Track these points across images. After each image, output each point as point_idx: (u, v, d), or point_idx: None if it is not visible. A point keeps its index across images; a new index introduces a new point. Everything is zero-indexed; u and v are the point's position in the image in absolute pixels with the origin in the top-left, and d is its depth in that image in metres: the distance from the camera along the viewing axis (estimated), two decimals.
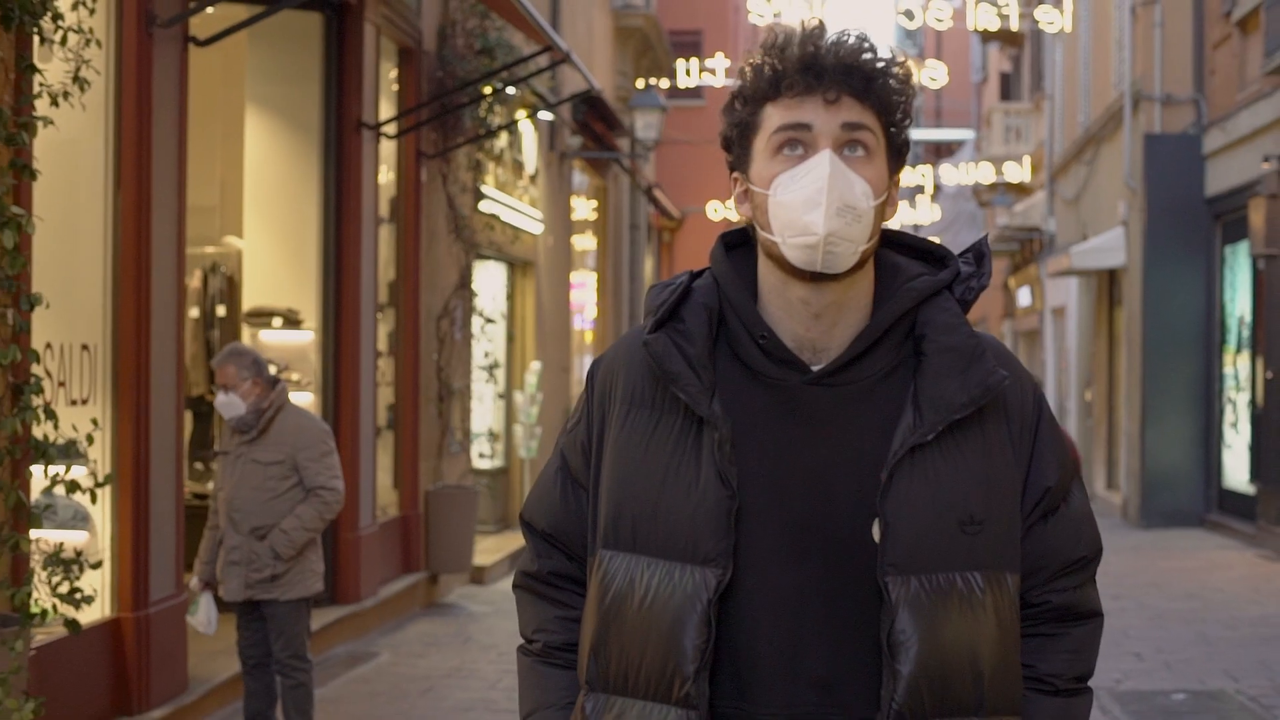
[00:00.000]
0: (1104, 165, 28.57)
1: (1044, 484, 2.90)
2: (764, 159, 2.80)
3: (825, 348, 2.81)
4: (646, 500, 2.80)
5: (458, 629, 14.23)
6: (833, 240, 2.71)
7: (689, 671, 2.72)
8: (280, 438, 8.81)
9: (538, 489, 3.04)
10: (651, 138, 25.02)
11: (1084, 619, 2.98)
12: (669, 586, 2.76)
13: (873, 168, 2.78)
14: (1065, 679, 2.94)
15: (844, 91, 2.77)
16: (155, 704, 9.38)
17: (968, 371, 2.80)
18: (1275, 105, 20.37)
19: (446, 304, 16.47)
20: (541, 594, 3.01)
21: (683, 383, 2.77)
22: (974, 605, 2.77)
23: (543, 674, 2.99)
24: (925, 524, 2.75)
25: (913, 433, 2.76)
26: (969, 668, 2.76)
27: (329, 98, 13.47)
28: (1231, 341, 23.55)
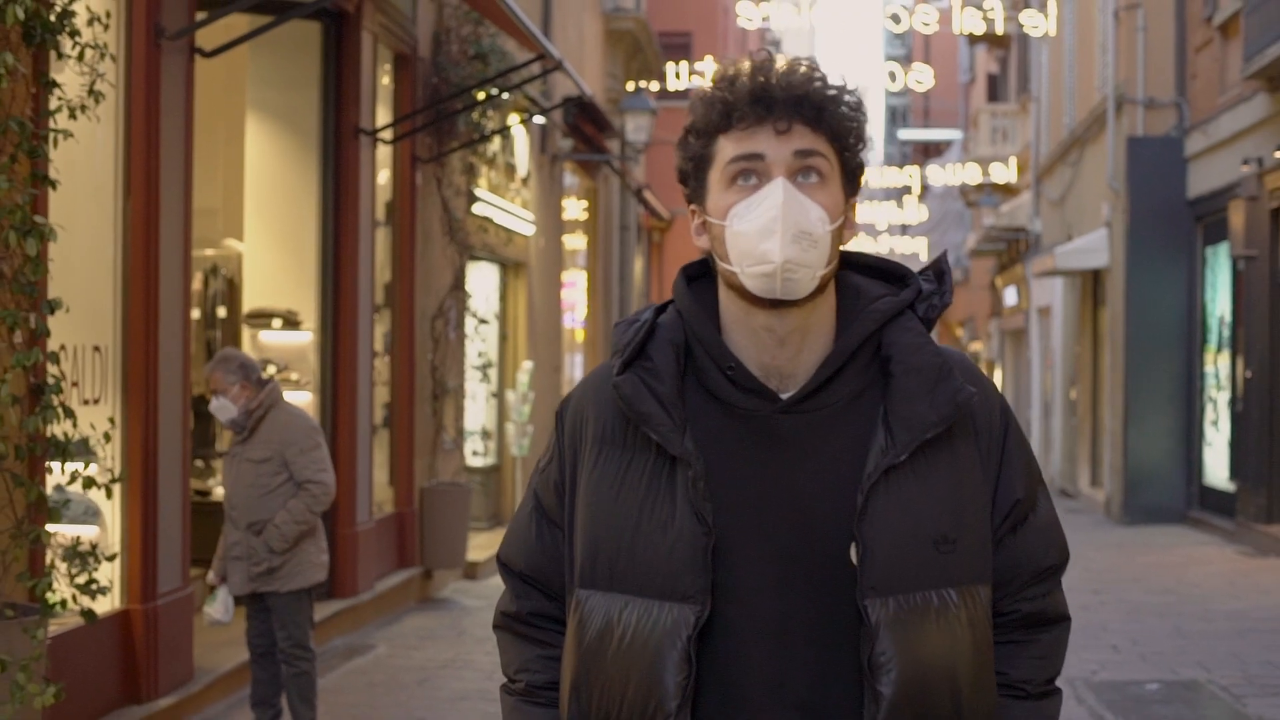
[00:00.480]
0: (1088, 167, 28.91)
1: (1013, 497, 2.94)
2: (719, 190, 2.81)
3: (792, 374, 2.83)
4: (622, 539, 2.80)
5: (452, 622, 14.56)
6: (790, 267, 2.74)
7: (671, 708, 2.74)
8: (269, 435, 9.15)
9: (513, 530, 3.04)
10: (642, 140, 25.34)
11: (1053, 624, 3.02)
12: (648, 624, 2.77)
13: (827, 193, 2.80)
14: (1036, 684, 2.98)
15: (795, 120, 2.79)
16: (163, 693, 9.72)
17: (936, 390, 2.83)
18: (1255, 109, 20.70)
19: (441, 305, 16.80)
20: (522, 634, 3.02)
21: (654, 423, 2.78)
22: (950, 622, 2.79)
23: (526, 713, 2.99)
24: (901, 545, 2.76)
25: (885, 454, 2.78)
26: (947, 685, 2.78)
27: (328, 104, 13.80)
28: (1212, 341, 23.89)
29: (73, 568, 7.53)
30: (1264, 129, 20.38)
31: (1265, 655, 12.61)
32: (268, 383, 9.32)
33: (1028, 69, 37.90)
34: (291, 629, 9.14)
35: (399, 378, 15.68)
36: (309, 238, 13.88)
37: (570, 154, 24.18)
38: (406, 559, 15.58)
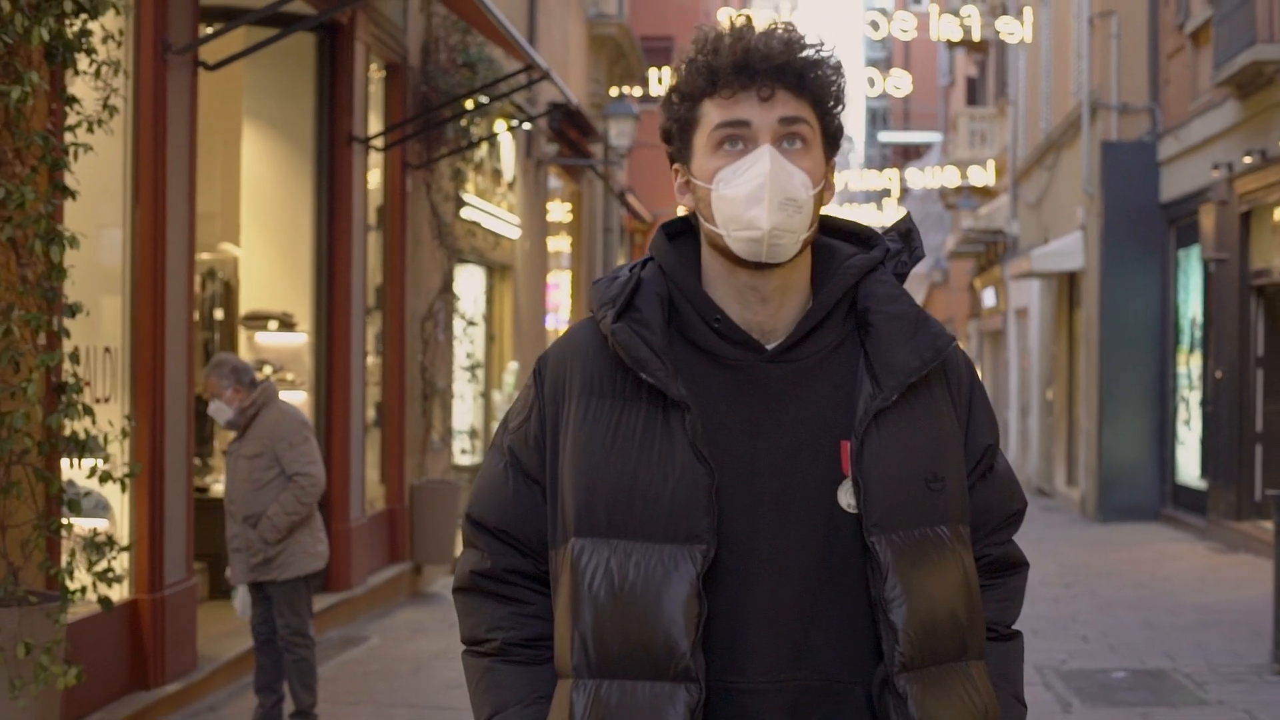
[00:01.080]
0: (1064, 171, 29.32)
1: (983, 442, 3.03)
2: (705, 154, 2.87)
3: (773, 329, 2.90)
4: (620, 486, 2.82)
5: (442, 615, 14.97)
6: (776, 233, 2.80)
7: (685, 647, 2.75)
8: (260, 433, 9.58)
9: (485, 488, 3.03)
10: (625, 145, 25.76)
11: (1016, 568, 3.12)
12: (657, 566, 2.78)
13: (810, 158, 2.86)
14: (1003, 625, 3.08)
15: (778, 87, 2.83)
16: (169, 679, 10.13)
17: (916, 337, 2.91)
18: (1225, 115, 21.12)
19: (430, 307, 17.21)
20: (493, 592, 2.99)
21: (651, 368, 2.82)
22: (947, 557, 2.86)
23: (502, 673, 2.98)
24: (897, 484, 2.83)
25: (874, 399, 2.85)
26: (950, 617, 2.85)
27: (322, 112, 14.22)
28: (1184, 342, 24.34)
29: (92, 556, 7.93)
30: (1234, 134, 20.81)
31: (1228, 645, 13.06)
32: (260, 384, 9.75)
33: (1005, 73, 38.30)
34: (289, 617, 9.56)
35: (390, 378, 16.09)
36: (304, 242, 14.30)
37: (555, 159, 24.59)
38: (397, 554, 16.00)
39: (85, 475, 8.21)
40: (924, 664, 2.81)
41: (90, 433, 7.96)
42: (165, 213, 10.05)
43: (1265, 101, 19.33)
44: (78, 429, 7.89)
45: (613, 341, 2.84)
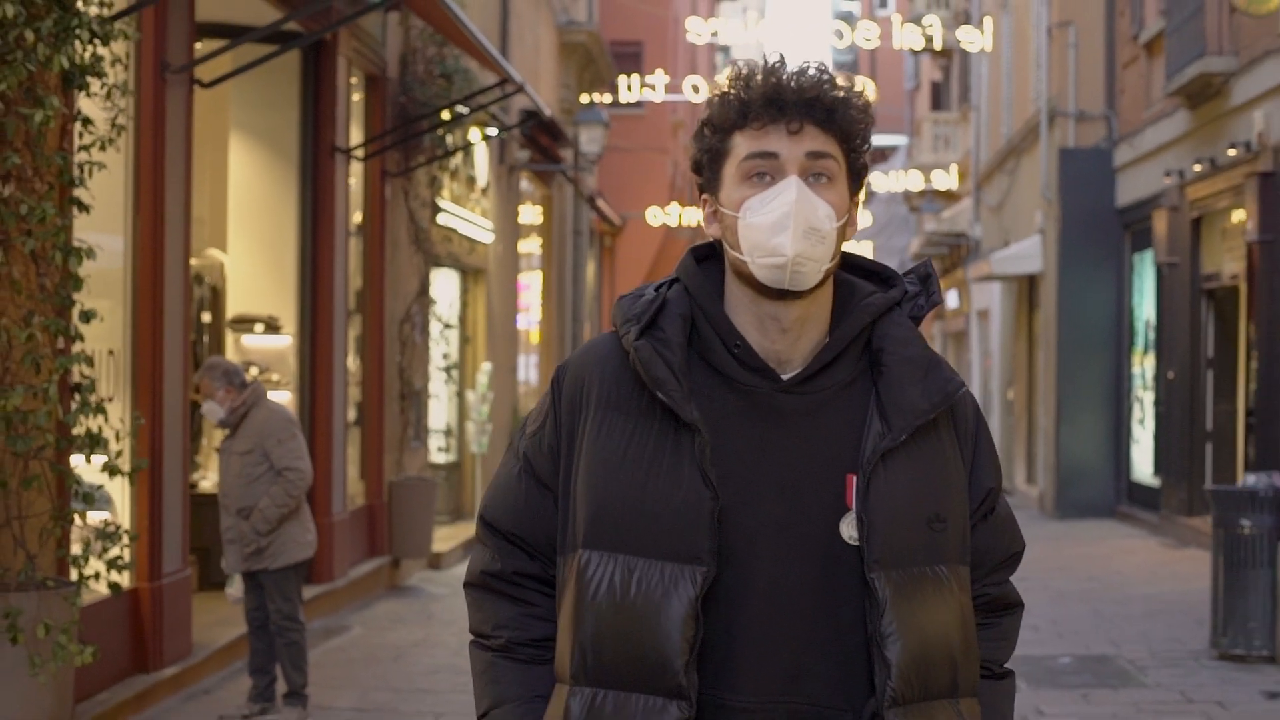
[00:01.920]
0: (1024, 176, 29.93)
1: (986, 485, 3.08)
2: (733, 184, 2.93)
3: (790, 359, 2.95)
4: (629, 501, 2.89)
5: (420, 607, 15.57)
6: (799, 261, 2.86)
7: (679, 664, 2.82)
8: (250, 430, 10.19)
9: (498, 491, 3.10)
10: (595, 151, 26.37)
11: (1011, 609, 3.18)
12: (658, 584, 2.85)
13: (835, 192, 2.91)
14: (997, 664, 3.12)
15: (807, 121, 2.90)
16: (167, 663, 10.72)
17: (927, 380, 2.95)
18: (1176, 123, 21.72)
19: (408, 310, 17.82)
20: (503, 592, 3.08)
21: (668, 388, 2.89)
22: (944, 596, 2.92)
23: (504, 669, 3.05)
24: (901, 522, 2.88)
25: (883, 438, 2.90)
26: (944, 654, 2.90)
27: (306, 124, 14.83)
28: (1139, 343, 25.02)
29: (108, 545, 8.54)
30: (1185, 143, 21.41)
31: (1171, 633, 13.73)
32: (250, 385, 10.36)
33: (969, 79, 38.89)
34: (281, 603, 10.16)
35: (369, 378, 16.69)
36: (288, 248, 14.90)
37: (527, 164, 25.19)
38: (377, 548, 16.59)
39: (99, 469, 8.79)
40: (914, 700, 2.87)
41: (102, 430, 8.55)
42: (164, 223, 10.65)
43: (1214, 111, 19.90)
44: (91, 426, 8.48)
45: (634, 357, 2.92)
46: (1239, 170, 18.60)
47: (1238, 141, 18.48)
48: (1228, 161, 18.98)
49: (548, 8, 27.71)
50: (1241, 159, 18.34)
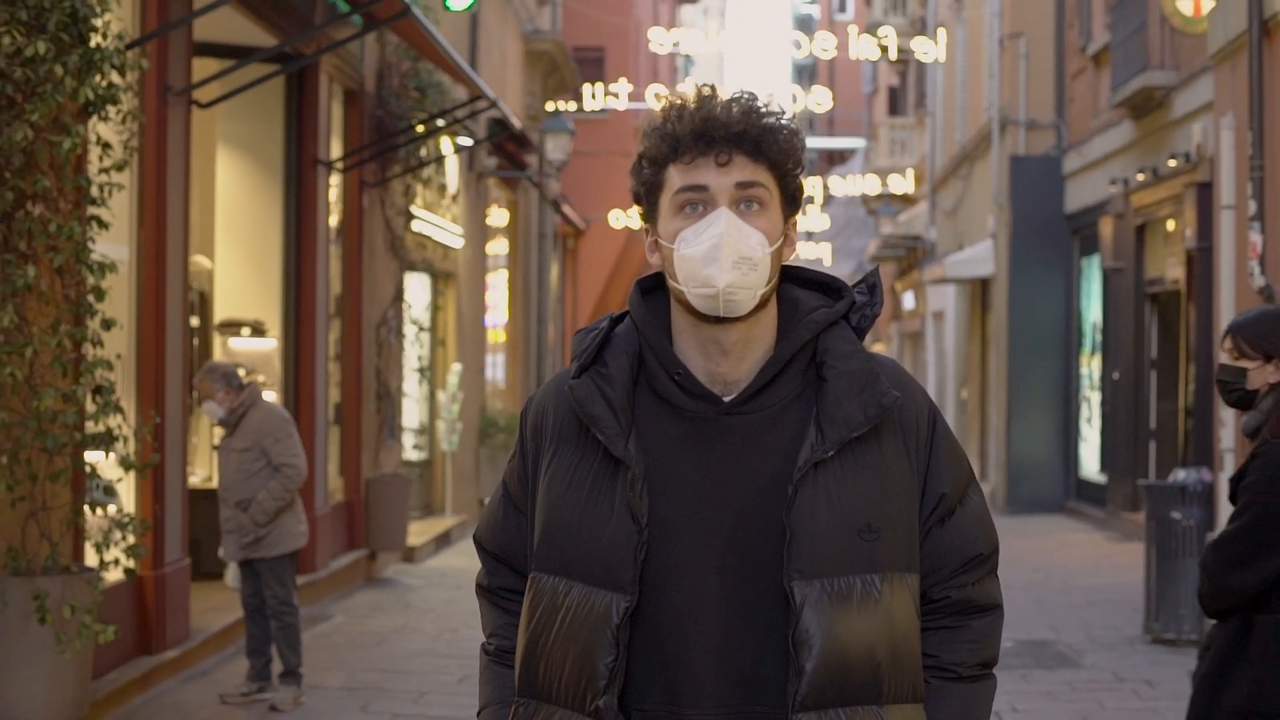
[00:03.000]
0: (977, 181, 30.67)
1: (940, 490, 3.11)
2: (668, 216, 3.00)
3: (735, 380, 3.03)
4: (569, 529, 3.03)
5: (397, 597, 16.33)
6: (731, 290, 2.92)
7: (600, 687, 2.95)
8: (249, 428, 10.95)
9: (488, 514, 3.30)
10: (561, 159, 27.11)
11: (984, 611, 3.16)
12: (586, 608, 2.98)
13: (767, 218, 2.98)
14: (968, 666, 3.13)
15: (736, 153, 2.96)
16: (169, 646, 11.46)
17: (864, 393, 3.00)
18: (1122, 133, 22.48)
19: (385, 314, 18.58)
20: (494, 603, 3.29)
21: (601, 425, 3.00)
22: (872, 605, 2.95)
23: (496, 673, 3.25)
24: (825, 533, 2.94)
25: (814, 450, 2.96)
26: (867, 661, 2.95)
27: (290, 137, 15.57)
28: (1086, 345, 25.79)
29: (128, 534, 9.30)
30: (1130, 152, 22.19)
31: (1108, 620, 14.57)
32: (247, 386, 11.13)
33: (924, 85, 39.64)
34: (276, 589, 10.92)
35: (348, 379, 17.43)
36: (273, 255, 15.65)
37: (495, 171, 25.92)
38: (355, 542, 17.33)
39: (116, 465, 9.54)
40: (827, 705, 2.94)
41: (123, 428, 9.32)
42: (165, 236, 11.39)
43: (1157, 123, 20.66)
44: (112, 425, 9.23)
45: (571, 397, 3.05)
46: (1179, 180, 19.29)
47: (1178, 152, 19.18)
48: (1169, 171, 19.64)
49: (514, 17, 28.40)
50: (1181, 169, 19.04)
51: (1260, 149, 12.42)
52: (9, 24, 8.37)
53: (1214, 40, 13.76)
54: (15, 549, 8.93)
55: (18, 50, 8.36)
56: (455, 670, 12.35)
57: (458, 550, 20.67)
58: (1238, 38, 12.81)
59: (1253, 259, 12.52)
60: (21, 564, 8.93)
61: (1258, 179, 12.45)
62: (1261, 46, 12.30)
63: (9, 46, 8.31)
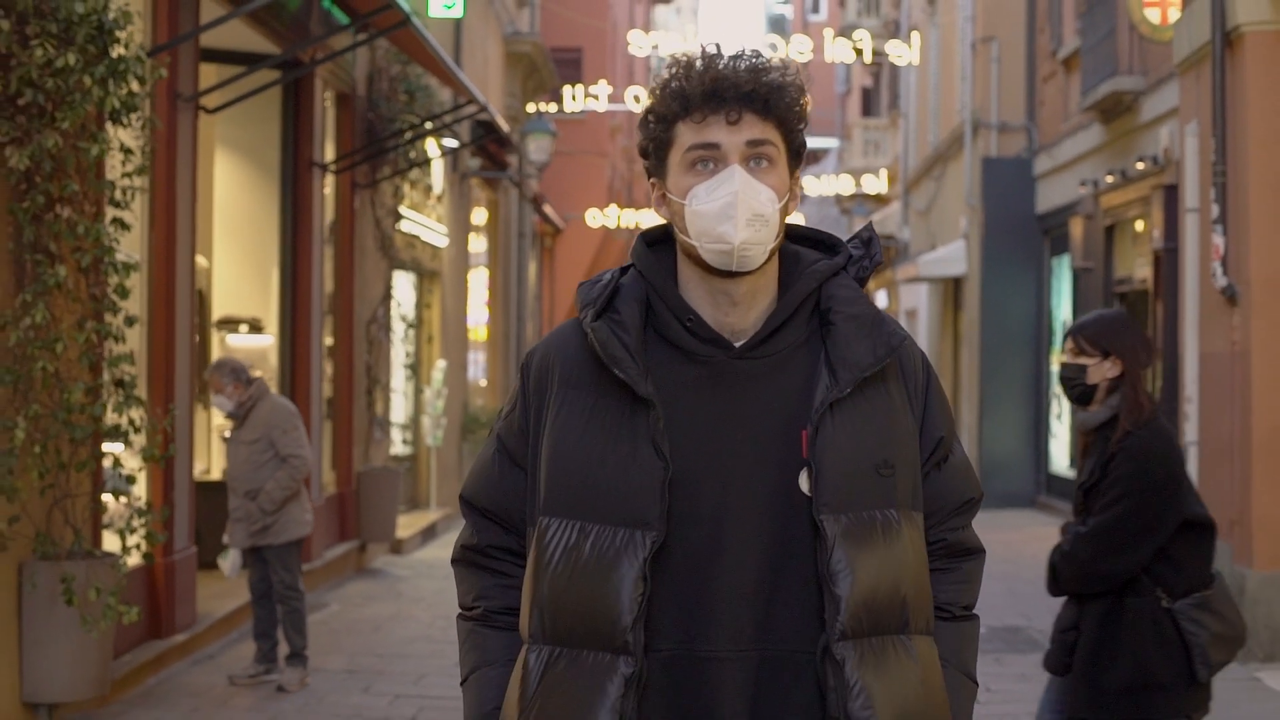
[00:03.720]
0: (949, 182, 31.06)
1: (937, 434, 3.20)
2: (679, 172, 3.06)
3: (743, 328, 3.08)
4: (588, 471, 3.04)
5: (388, 587, 16.81)
6: (745, 246, 2.98)
7: (627, 622, 2.96)
8: (257, 421, 11.44)
9: (476, 471, 3.29)
10: (543, 160, 27.59)
11: (971, 554, 3.30)
12: (609, 547, 2.99)
13: (776, 174, 3.05)
14: (958, 606, 3.25)
15: (746, 111, 3.02)
16: (178, 631, 11.94)
17: (873, 335, 3.07)
18: (1092, 136, 22.87)
19: (375, 312, 19.06)
20: (481, 565, 3.27)
21: (624, 365, 3.02)
22: (894, 538, 3.03)
23: (484, 636, 3.25)
24: (848, 468, 3.01)
25: (830, 390, 3.02)
26: (894, 592, 3.01)
27: (286, 140, 16.05)
28: (1057, 343, 26.07)
29: (147, 521, 9.78)
30: (1099, 154, 22.59)
31: None
32: (255, 381, 11.61)
33: (898, 87, 40.07)
34: (283, 574, 11.41)
35: (340, 375, 17.91)
36: (270, 254, 16.13)
37: (478, 171, 26.39)
38: (347, 533, 17.80)
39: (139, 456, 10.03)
40: (863, 634, 2.99)
41: (141, 421, 9.81)
42: (175, 237, 11.87)
43: (1125, 126, 21.09)
44: (134, 417, 9.72)
45: (591, 338, 3.07)
46: (1147, 182, 19.68)
47: (1145, 155, 19.56)
48: (1137, 174, 19.99)
49: (495, 20, 28.85)
50: (1149, 172, 19.45)
51: (1223, 155, 12.93)
52: (40, 36, 8.84)
53: (1179, 50, 14.26)
54: (43, 534, 9.40)
55: (49, 61, 8.84)
56: (450, 655, 12.79)
57: (443, 543, 21.17)
58: (1202, 48, 13.30)
59: (1215, 260, 13.03)
60: (50, 549, 9.40)
61: (1220, 184, 12.95)
62: (1224, 57, 12.80)
63: (40, 58, 8.79)
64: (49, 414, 9.19)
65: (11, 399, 9.11)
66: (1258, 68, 12.56)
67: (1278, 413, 12.49)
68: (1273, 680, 11.69)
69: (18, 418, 8.97)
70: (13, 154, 8.87)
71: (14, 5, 8.87)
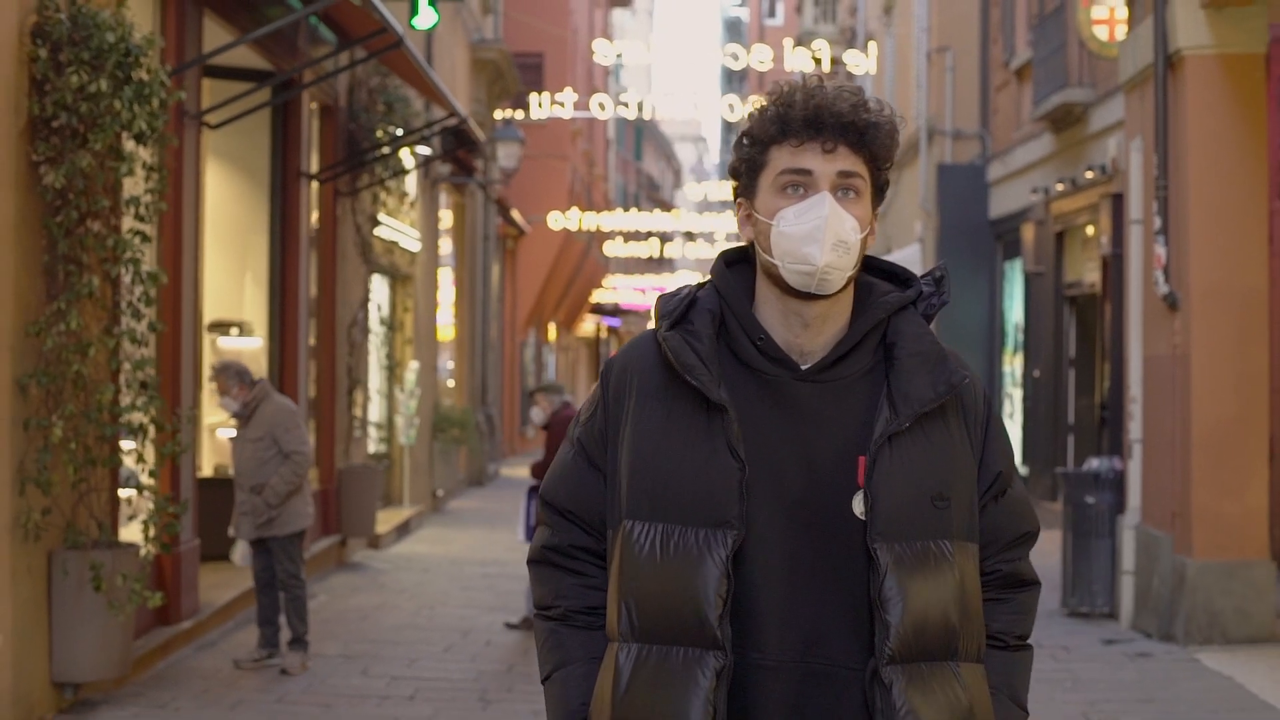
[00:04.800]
0: (905, 188, 31.65)
1: (996, 469, 3.25)
2: (769, 194, 3.14)
3: (811, 351, 3.16)
4: (667, 475, 3.13)
5: (370, 579, 17.54)
6: (827, 270, 3.06)
7: (714, 617, 3.04)
8: (261, 420, 12.16)
9: (556, 473, 3.37)
10: (512, 166, 28.34)
11: (1027, 585, 3.34)
12: (693, 546, 3.07)
13: (861, 206, 3.12)
14: (1012, 636, 3.29)
15: (841, 142, 3.10)
16: (183, 618, 12.67)
17: (935, 372, 3.14)
18: (1043, 145, 23.53)
19: (355, 315, 19.78)
20: (560, 565, 3.33)
21: (697, 373, 3.10)
22: (945, 568, 3.08)
23: (565, 635, 3.30)
24: (904, 499, 3.07)
25: (890, 423, 3.08)
26: (943, 620, 3.07)
27: (275, 151, 16.76)
28: (1009, 345, 26.94)
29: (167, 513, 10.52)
30: (1050, 163, 23.25)
31: None
32: (258, 382, 12.33)
33: None
34: (287, 564, 12.13)
35: (323, 376, 18.62)
36: (260, 261, 16.84)
37: (448, 177, 27.10)
38: (329, 528, 18.50)
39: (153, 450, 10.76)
40: (911, 659, 3.06)
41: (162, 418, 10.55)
42: (181, 246, 12.58)
43: (1075, 137, 21.76)
44: (155, 414, 10.46)
45: (665, 347, 3.16)
46: (1095, 190, 20.38)
47: (1094, 165, 20.25)
48: (1086, 182, 20.70)
49: (462, 27, 29.54)
50: (1098, 180, 20.10)
51: (1165, 171, 13.73)
52: (74, 64, 9.57)
53: (1124, 69, 15.04)
54: (73, 525, 10.12)
55: (81, 87, 9.56)
56: (438, 641, 13.59)
57: (417, 538, 21.93)
58: (1145, 69, 14.08)
59: (1158, 269, 13.83)
60: (79, 539, 10.12)
61: (1162, 197, 13.75)
62: (1167, 79, 13.60)
63: (75, 84, 9.51)
64: (81, 413, 9.91)
65: (43, 400, 9.81)
66: (1197, 90, 13.36)
67: (1215, 413, 13.30)
68: (1210, 660, 12.52)
69: (52, 417, 9.69)
70: (48, 172, 9.60)
71: (50, 35, 9.59)
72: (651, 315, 3.29)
